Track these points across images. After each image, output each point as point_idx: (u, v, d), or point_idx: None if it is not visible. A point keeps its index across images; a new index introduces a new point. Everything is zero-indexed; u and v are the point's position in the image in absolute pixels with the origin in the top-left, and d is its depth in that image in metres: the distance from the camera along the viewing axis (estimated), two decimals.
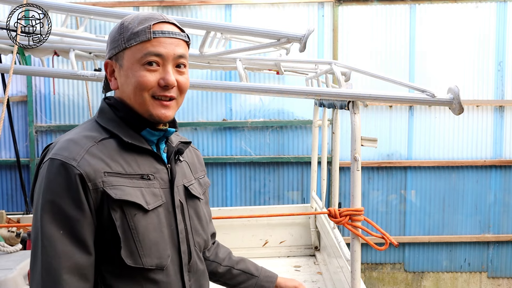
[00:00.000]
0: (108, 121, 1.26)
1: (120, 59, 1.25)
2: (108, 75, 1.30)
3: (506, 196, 4.84)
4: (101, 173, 1.17)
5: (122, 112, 1.26)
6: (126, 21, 1.26)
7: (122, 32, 1.24)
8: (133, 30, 1.22)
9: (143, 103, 1.23)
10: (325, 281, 3.17)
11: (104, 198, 1.16)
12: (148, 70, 1.22)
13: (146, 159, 1.26)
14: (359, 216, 1.90)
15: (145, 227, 1.20)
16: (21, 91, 4.83)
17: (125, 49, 1.23)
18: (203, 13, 4.73)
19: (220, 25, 2.60)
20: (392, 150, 4.83)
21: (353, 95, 1.91)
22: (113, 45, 1.26)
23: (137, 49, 1.22)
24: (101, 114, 1.29)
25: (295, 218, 3.75)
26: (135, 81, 1.22)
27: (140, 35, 1.21)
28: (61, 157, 1.15)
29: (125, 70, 1.24)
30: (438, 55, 4.72)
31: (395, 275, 4.96)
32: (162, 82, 1.22)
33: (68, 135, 1.23)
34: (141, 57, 1.21)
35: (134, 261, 1.18)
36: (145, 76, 1.21)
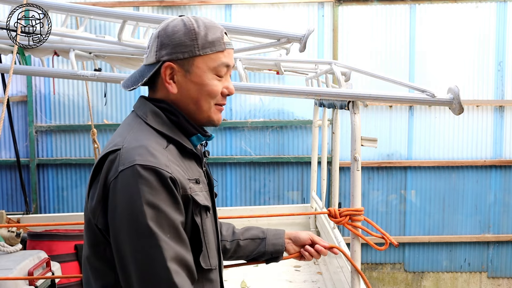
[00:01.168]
0: (163, 125, 1.24)
1: (188, 65, 1.23)
2: (165, 77, 1.24)
3: (506, 196, 4.84)
4: (186, 179, 1.19)
5: (178, 118, 1.25)
6: (195, 27, 1.23)
7: (195, 38, 1.22)
8: (207, 38, 1.23)
9: (208, 110, 1.27)
10: (325, 281, 3.17)
11: (189, 204, 1.19)
12: (218, 79, 1.27)
13: (194, 164, 1.29)
14: (359, 216, 1.89)
15: (210, 229, 1.26)
16: (21, 91, 4.83)
17: (198, 56, 1.23)
18: (203, 13, 4.73)
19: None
20: (392, 150, 4.83)
21: (353, 95, 1.91)
22: (181, 49, 1.22)
23: (211, 58, 1.24)
24: (154, 118, 1.24)
25: (295, 218, 3.76)
26: (208, 89, 1.25)
27: (216, 45, 1.24)
28: (151, 163, 1.12)
29: (195, 77, 1.24)
30: (438, 55, 4.72)
31: (395, 275, 4.96)
32: (225, 91, 1.29)
33: (135, 141, 1.17)
34: (215, 67, 1.24)
35: (206, 264, 1.23)
36: (217, 86, 1.26)
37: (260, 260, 1.65)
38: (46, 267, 2.86)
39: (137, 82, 1.26)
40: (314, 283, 3.17)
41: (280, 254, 1.63)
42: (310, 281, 3.21)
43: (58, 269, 2.98)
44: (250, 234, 1.64)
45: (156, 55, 1.24)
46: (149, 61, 1.26)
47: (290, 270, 3.36)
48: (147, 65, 1.27)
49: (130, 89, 1.29)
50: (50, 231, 3.18)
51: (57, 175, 4.88)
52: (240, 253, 1.63)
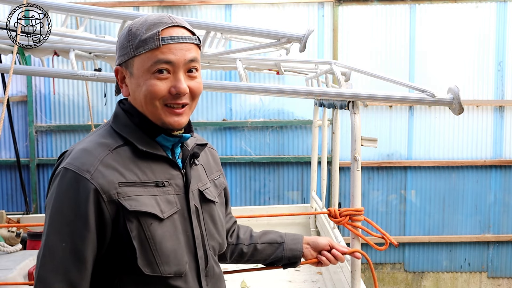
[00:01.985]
0: (123, 127, 1.24)
1: (130, 66, 1.22)
2: (119, 81, 1.27)
3: (506, 196, 4.84)
4: (115, 184, 1.16)
5: (136, 118, 1.24)
6: (134, 27, 1.21)
7: (131, 39, 1.20)
8: (141, 37, 1.18)
9: (154, 112, 1.21)
10: (325, 281, 3.17)
11: (119, 209, 1.16)
12: (158, 78, 1.19)
13: (161, 166, 1.25)
14: (359, 216, 1.89)
15: (161, 236, 1.19)
16: (21, 91, 4.83)
17: (134, 57, 1.20)
18: (203, 13, 4.73)
19: (220, 25, 2.61)
20: (392, 150, 4.83)
21: (353, 95, 1.91)
22: (122, 52, 1.22)
23: (146, 57, 1.18)
24: (115, 120, 1.26)
25: (295, 218, 3.75)
26: (146, 89, 1.19)
27: (149, 42, 1.17)
28: (74, 167, 1.15)
29: (136, 78, 1.21)
30: (438, 55, 4.72)
31: (395, 275, 4.96)
32: (173, 90, 1.19)
33: (83, 143, 1.22)
34: (150, 66, 1.18)
35: (152, 270, 1.19)
36: (156, 85, 1.18)
37: (277, 264, 1.63)
38: None
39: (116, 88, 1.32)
40: (314, 283, 3.17)
41: (298, 260, 1.61)
42: (310, 281, 3.21)
43: None
44: (268, 238, 1.62)
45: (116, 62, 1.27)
46: None
47: (290, 270, 3.36)
48: None
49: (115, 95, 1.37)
50: None
51: None
52: (257, 257, 1.61)
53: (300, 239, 1.62)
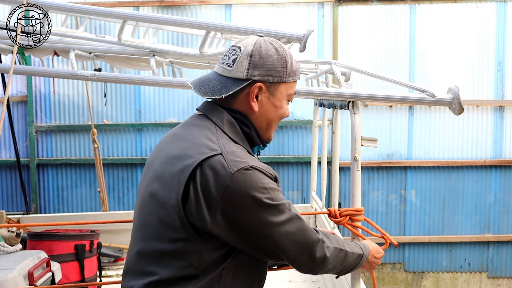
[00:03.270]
0: (236, 135, 1.35)
1: (273, 88, 1.35)
2: (252, 95, 1.34)
3: (506, 196, 4.84)
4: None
5: (250, 130, 1.38)
6: (287, 56, 1.36)
7: (285, 66, 1.35)
8: (293, 68, 1.36)
9: (270, 130, 1.43)
10: (325, 281, 3.17)
11: None
12: (287, 104, 1.42)
13: None
14: (359, 216, 1.89)
15: None
16: (21, 91, 4.83)
17: (283, 82, 1.36)
18: (203, 13, 4.73)
19: (220, 25, 2.60)
20: (392, 150, 4.83)
21: (353, 95, 1.91)
22: (272, 73, 1.33)
23: (290, 86, 1.38)
24: (230, 127, 1.34)
25: None
26: (283, 112, 1.41)
27: (296, 75, 1.38)
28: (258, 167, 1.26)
29: (276, 100, 1.37)
30: (438, 55, 4.72)
31: (395, 275, 4.96)
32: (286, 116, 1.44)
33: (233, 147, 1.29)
34: (290, 94, 1.39)
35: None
36: (288, 110, 1.43)
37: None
38: (46, 267, 2.85)
39: (219, 92, 1.33)
40: (314, 283, 3.17)
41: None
42: (310, 281, 3.21)
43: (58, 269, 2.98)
44: None
45: (247, 73, 1.32)
46: (237, 75, 1.32)
47: (290, 270, 3.36)
48: (230, 78, 1.33)
49: (211, 98, 1.35)
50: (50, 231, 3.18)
51: (57, 175, 4.88)
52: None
53: None
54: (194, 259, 1.24)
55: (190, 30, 3.98)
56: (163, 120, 4.80)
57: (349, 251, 1.47)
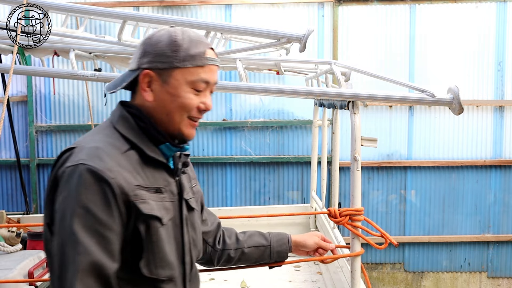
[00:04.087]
0: (130, 130, 1.25)
1: (166, 75, 1.24)
2: (143, 84, 1.26)
3: (506, 196, 4.84)
4: (133, 186, 1.18)
5: (145, 124, 1.26)
6: (179, 39, 1.24)
7: (176, 50, 1.23)
8: (189, 51, 1.23)
9: (179, 122, 1.27)
10: (325, 281, 3.18)
11: (132, 211, 1.17)
12: (195, 94, 1.26)
13: (161, 172, 1.28)
14: (359, 216, 1.89)
15: (163, 240, 1.23)
16: (21, 91, 4.84)
17: (177, 68, 1.24)
18: (203, 13, 4.73)
19: (220, 25, 2.60)
20: (392, 150, 4.83)
21: (353, 95, 1.91)
22: (161, 59, 1.24)
23: (190, 72, 1.24)
24: (122, 122, 1.27)
25: (295, 218, 3.75)
26: (182, 102, 1.25)
27: (197, 59, 1.24)
28: (94, 165, 1.13)
29: (171, 88, 1.24)
30: (438, 55, 4.72)
31: (395, 275, 4.96)
32: (202, 106, 1.28)
33: (93, 142, 1.20)
34: (192, 81, 1.24)
35: (150, 272, 1.21)
36: (192, 99, 1.26)
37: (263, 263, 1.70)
38: (46, 267, 2.86)
39: (117, 85, 1.30)
40: (314, 283, 3.17)
41: (284, 259, 1.70)
42: (310, 281, 3.21)
43: None
44: (253, 241, 1.66)
45: (137, 62, 1.27)
46: (131, 66, 1.29)
47: (290, 270, 3.36)
48: (130, 71, 1.30)
49: (111, 92, 1.32)
50: None
51: None
52: (244, 261, 1.66)
53: (286, 239, 1.69)
54: None
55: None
56: None
57: None
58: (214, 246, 1.61)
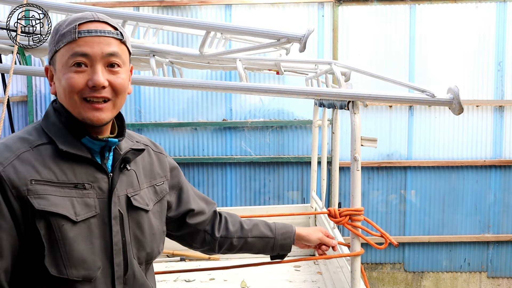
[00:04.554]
0: (51, 125, 1.23)
1: (54, 63, 1.23)
2: (49, 80, 1.27)
3: (506, 196, 4.85)
4: (27, 180, 1.14)
5: (64, 117, 1.23)
6: (58, 24, 1.23)
7: (54, 35, 1.22)
8: (61, 32, 1.20)
9: (74, 106, 1.20)
10: (325, 281, 3.18)
11: (28, 207, 1.14)
12: (76, 71, 1.19)
13: (85, 168, 1.23)
14: (359, 216, 1.89)
15: (72, 238, 1.17)
16: (21, 91, 4.83)
17: (56, 52, 1.21)
18: (203, 13, 4.73)
19: (220, 25, 2.60)
20: (392, 150, 4.83)
21: (353, 95, 1.91)
22: (50, 50, 1.24)
23: (65, 50, 1.19)
24: (45, 118, 1.26)
25: (295, 218, 3.75)
26: (64, 83, 1.19)
27: (66, 36, 1.19)
28: None
29: (57, 73, 1.22)
30: (438, 55, 4.72)
31: (395, 275, 4.96)
32: (90, 83, 1.18)
33: (6, 138, 1.21)
34: (68, 59, 1.19)
35: (59, 272, 1.16)
36: (73, 78, 1.18)
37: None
38: None
39: None
40: (314, 283, 3.17)
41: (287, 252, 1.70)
42: (310, 281, 3.21)
43: None
44: (258, 231, 1.64)
45: None
46: None
47: (290, 270, 3.36)
48: None
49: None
50: None
51: None
52: (246, 250, 1.64)
53: (291, 233, 1.69)
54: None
55: (190, 30, 3.98)
56: (163, 120, 4.80)
57: None
58: (212, 234, 1.59)
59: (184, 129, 4.79)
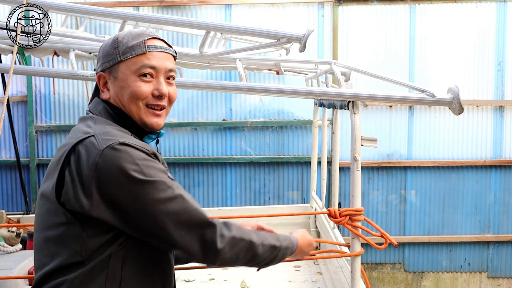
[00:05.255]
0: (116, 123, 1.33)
1: (115, 71, 1.33)
2: (100, 86, 1.37)
3: (506, 196, 4.84)
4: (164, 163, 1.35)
5: (127, 120, 1.34)
6: (120, 37, 1.35)
7: (117, 46, 1.33)
8: (128, 44, 1.32)
9: (137, 111, 1.33)
10: (325, 281, 3.18)
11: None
12: (143, 81, 1.32)
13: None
14: (359, 216, 1.90)
15: None
16: (21, 91, 4.83)
17: (120, 62, 1.32)
18: (203, 13, 4.73)
19: (220, 25, 2.60)
20: (392, 150, 4.83)
21: (353, 95, 1.91)
22: (107, 59, 1.34)
23: (132, 62, 1.31)
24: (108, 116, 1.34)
25: (295, 218, 3.75)
26: (131, 91, 1.31)
27: (136, 49, 1.31)
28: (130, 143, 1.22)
29: (120, 81, 1.32)
30: (438, 55, 4.72)
31: (395, 275, 4.96)
32: (156, 92, 1.33)
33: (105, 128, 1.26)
34: (136, 69, 1.31)
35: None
36: (141, 86, 1.32)
37: None
38: None
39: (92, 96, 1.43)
40: (314, 283, 3.17)
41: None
42: (310, 281, 3.21)
43: None
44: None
45: (95, 70, 1.40)
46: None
47: (290, 270, 3.36)
48: None
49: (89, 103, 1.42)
50: None
51: None
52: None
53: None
54: (77, 245, 1.21)
55: (190, 30, 3.98)
56: None
57: (257, 242, 1.37)
58: None
59: (184, 129, 4.79)
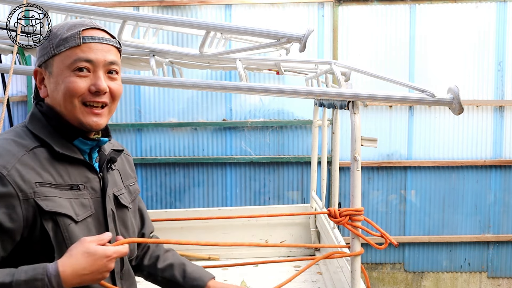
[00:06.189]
0: (40, 128, 1.23)
1: (50, 66, 1.23)
2: (37, 83, 1.27)
3: (506, 196, 4.84)
4: (32, 183, 1.14)
5: (54, 121, 1.24)
6: (55, 28, 1.24)
7: (51, 39, 1.23)
8: (62, 36, 1.21)
9: (73, 110, 1.21)
10: (325, 281, 3.18)
11: (36, 209, 1.14)
12: (78, 76, 1.20)
13: (78, 169, 1.25)
14: (359, 216, 1.90)
15: (76, 237, 1.18)
16: (21, 91, 4.83)
17: (54, 56, 1.22)
18: (203, 13, 4.73)
19: (220, 25, 2.60)
20: (392, 150, 4.83)
21: (353, 95, 1.91)
22: (42, 53, 1.25)
23: (66, 55, 1.20)
24: (32, 121, 1.25)
25: (295, 218, 3.75)
26: (65, 87, 1.20)
27: (69, 40, 1.20)
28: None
29: (55, 77, 1.22)
30: (438, 55, 4.72)
31: (395, 275, 4.96)
32: (93, 88, 1.21)
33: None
34: (70, 63, 1.20)
35: None
36: (75, 82, 1.20)
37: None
38: None
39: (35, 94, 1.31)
40: (314, 283, 3.17)
41: None
42: (310, 281, 3.21)
43: None
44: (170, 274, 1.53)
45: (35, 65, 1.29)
46: None
47: (290, 270, 3.36)
48: None
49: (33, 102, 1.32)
50: None
51: None
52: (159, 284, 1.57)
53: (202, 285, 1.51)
54: None
55: (190, 30, 3.98)
56: (163, 120, 4.80)
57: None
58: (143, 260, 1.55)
59: (184, 129, 4.79)
